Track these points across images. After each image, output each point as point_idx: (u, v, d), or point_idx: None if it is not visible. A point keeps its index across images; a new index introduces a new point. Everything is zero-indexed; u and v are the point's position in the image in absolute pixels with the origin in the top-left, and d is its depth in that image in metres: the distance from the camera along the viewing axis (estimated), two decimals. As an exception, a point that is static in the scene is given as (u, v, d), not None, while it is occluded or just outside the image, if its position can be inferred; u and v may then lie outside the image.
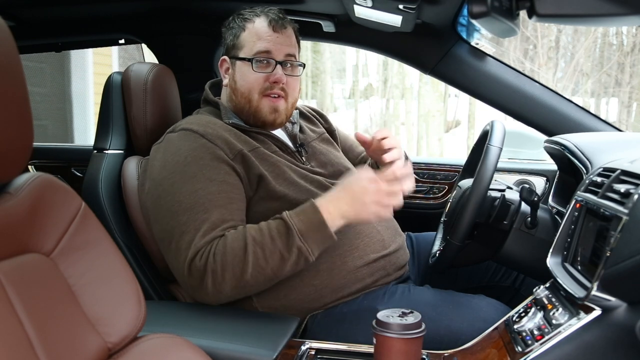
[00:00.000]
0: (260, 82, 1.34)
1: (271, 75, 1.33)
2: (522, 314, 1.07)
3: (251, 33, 1.35)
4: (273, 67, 1.34)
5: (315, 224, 1.15)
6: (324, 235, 1.16)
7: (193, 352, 0.89)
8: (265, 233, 1.15)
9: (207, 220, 1.16)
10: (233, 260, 1.13)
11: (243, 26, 1.36)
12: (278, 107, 1.35)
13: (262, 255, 1.14)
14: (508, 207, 1.28)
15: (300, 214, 1.17)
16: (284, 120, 1.39)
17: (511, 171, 1.86)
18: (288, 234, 1.14)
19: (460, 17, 1.58)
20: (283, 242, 1.14)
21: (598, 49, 9.33)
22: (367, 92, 12.45)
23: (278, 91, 1.34)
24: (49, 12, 1.81)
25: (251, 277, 1.14)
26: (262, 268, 1.14)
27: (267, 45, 1.33)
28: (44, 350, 0.73)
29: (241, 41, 1.36)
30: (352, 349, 1.13)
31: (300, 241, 1.14)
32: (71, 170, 2.05)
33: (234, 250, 1.13)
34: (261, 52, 1.33)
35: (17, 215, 0.77)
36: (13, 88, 0.71)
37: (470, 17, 0.68)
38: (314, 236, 1.15)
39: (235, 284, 1.14)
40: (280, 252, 1.14)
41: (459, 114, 11.20)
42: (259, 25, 1.35)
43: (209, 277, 1.13)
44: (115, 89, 1.49)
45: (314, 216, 1.16)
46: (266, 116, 1.35)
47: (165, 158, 1.26)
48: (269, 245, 1.14)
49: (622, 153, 1.14)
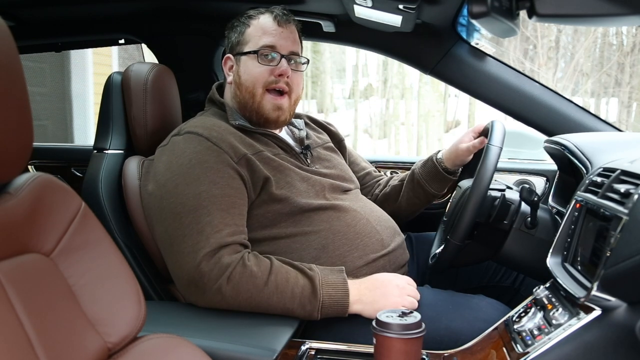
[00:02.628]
0: (265, 75, 1.34)
1: (276, 69, 1.34)
2: (522, 314, 1.07)
3: (256, 28, 1.36)
4: (278, 61, 1.34)
5: (340, 305, 1.17)
6: (339, 314, 1.18)
7: (193, 352, 0.89)
8: (290, 284, 1.16)
9: (210, 224, 1.16)
10: (244, 294, 1.14)
11: (248, 23, 1.38)
12: (282, 105, 1.36)
13: (276, 300, 1.15)
14: (508, 207, 1.28)
15: (331, 287, 1.18)
16: (287, 118, 1.39)
17: (511, 171, 1.86)
18: (311, 301, 1.16)
19: (460, 17, 1.58)
20: (300, 302, 1.15)
21: (598, 49, 9.34)
22: (367, 92, 12.46)
23: (282, 85, 1.35)
24: (49, 12, 1.81)
25: (255, 307, 1.16)
26: (262, 308, 1.16)
27: (272, 39, 1.35)
28: (44, 350, 0.73)
29: (246, 36, 1.37)
30: (352, 349, 1.13)
31: (317, 312, 1.16)
32: (71, 170, 2.05)
33: (249, 288, 1.14)
34: (267, 45, 1.35)
35: (17, 215, 0.77)
36: (13, 88, 0.71)
37: (470, 17, 0.68)
38: (330, 312, 1.17)
39: (233, 305, 1.15)
40: (292, 306, 1.15)
41: (459, 114, 11.21)
42: (264, 20, 1.36)
43: (213, 291, 1.14)
44: (115, 89, 1.49)
45: (342, 298, 1.17)
46: (269, 113, 1.35)
47: (170, 160, 1.26)
48: (288, 296, 1.15)
49: (622, 153, 1.14)
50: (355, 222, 1.32)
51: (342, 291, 1.18)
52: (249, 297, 1.14)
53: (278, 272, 1.16)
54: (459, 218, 1.23)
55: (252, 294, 1.14)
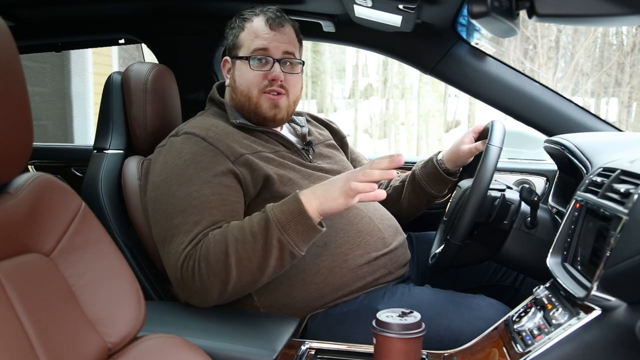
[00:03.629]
0: (259, 80, 1.34)
1: (269, 73, 1.34)
2: (522, 313, 1.07)
3: (249, 32, 1.36)
4: (271, 65, 1.34)
5: (295, 213, 1.10)
6: (306, 226, 1.10)
7: (193, 352, 0.89)
8: (246, 230, 1.12)
9: (199, 224, 1.16)
10: (216, 265, 1.11)
11: (242, 26, 1.38)
12: (279, 103, 1.36)
13: (244, 254, 1.11)
14: (508, 207, 1.28)
15: (282, 204, 1.13)
16: (285, 116, 1.39)
17: (511, 171, 1.86)
18: (267, 226, 1.11)
19: (460, 17, 1.58)
20: (263, 235, 1.10)
21: (598, 49, 9.33)
22: (367, 92, 12.45)
23: (277, 89, 1.35)
24: (49, 12, 1.81)
25: (237, 278, 1.12)
26: (245, 267, 1.12)
27: (264, 43, 1.34)
28: (44, 350, 0.73)
29: (240, 40, 1.37)
30: (352, 349, 1.13)
31: (280, 232, 1.10)
32: (71, 170, 2.05)
33: (216, 254, 1.11)
34: (258, 49, 1.34)
35: (17, 215, 0.77)
36: (13, 88, 0.71)
37: (470, 17, 0.68)
38: (295, 227, 1.10)
39: (222, 287, 1.13)
40: (262, 248, 1.11)
41: (459, 114, 11.20)
42: (256, 24, 1.36)
43: (197, 283, 1.13)
44: (115, 89, 1.49)
45: (294, 206, 1.11)
46: (266, 112, 1.35)
47: (166, 161, 1.26)
48: (250, 242, 1.11)
49: (622, 153, 1.14)
50: (357, 220, 1.32)
51: (292, 201, 1.11)
52: (222, 266, 1.10)
53: (233, 228, 1.13)
54: (459, 218, 1.23)
55: (222, 262, 1.10)
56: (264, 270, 1.13)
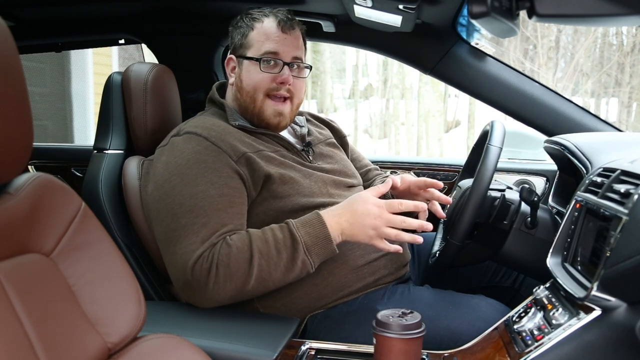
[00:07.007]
0: (267, 82, 1.34)
1: (278, 76, 1.34)
2: (522, 314, 1.07)
3: (260, 33, 1.35)
4: (280, 68, 1.34)
5: (321, 237, 1.16)
6: (328, 250, 1.17)
7: (193, 352, 0.89)
8: (271, 244, 1.15)
9: (207, 225, 1.16)
10: (237, 272, 1.13)
11: (252, 25, 1.36)
12: (283, 110, 1.36)
13: (266, 268, 1.14)
14: (508, 207, 1.28)
15: (307, 225, 1.17)
16: (288, 123, 1.39)
17: (511, 171, 1.86)
18: (294, 246, 1.15)
19: (460, 17, 1.58)
20: (288, 255, 1.15)
21: (598, 49, 9.33)
22: (367, 92, 12.45)
23: (284, 92, 1.35)
24: (49, 12, 1.81)
25: (252, 288, 1.15)
26: (264, 280, 1.15)
27: (275, 46, 1.33)
28: (44, 350, 0.73)
29: (249, 40, 1.36)
30: (352, 349, 1.13)
31: (305, 254, 1.15)
32: (71, 170, 2.05)
33: (239, 262, 1.13)
34: (269, 52, 1.34)
35: (17, 215, 0.77)
36: (13, 88, 0.71)
37: (470, 17, 0.68)
38: (319, 250, 1.17)
39: (235, 293, 1.15)
40: (284, 265, 1.15)
41: (459, 114, 11.20)
42: (267, 25, 1.35)
43: (210, 285, 1.13)
44: (115, 89, 1.49)
45: (320, 230, 1.16)
46: (270, 118, 1.35)
47: (169, 160, 1.26)
48: (274, 257, 1.14)
49: (622, 153, 1.14)
50: None
51: (318, 224, 1.17)
52: (242, 274, 1.13)
53: (257, 239, 1.15)
54: (459, 218, 1.23)
55: (243, 271, 1.13)
56: (279, 284, 1.18)
